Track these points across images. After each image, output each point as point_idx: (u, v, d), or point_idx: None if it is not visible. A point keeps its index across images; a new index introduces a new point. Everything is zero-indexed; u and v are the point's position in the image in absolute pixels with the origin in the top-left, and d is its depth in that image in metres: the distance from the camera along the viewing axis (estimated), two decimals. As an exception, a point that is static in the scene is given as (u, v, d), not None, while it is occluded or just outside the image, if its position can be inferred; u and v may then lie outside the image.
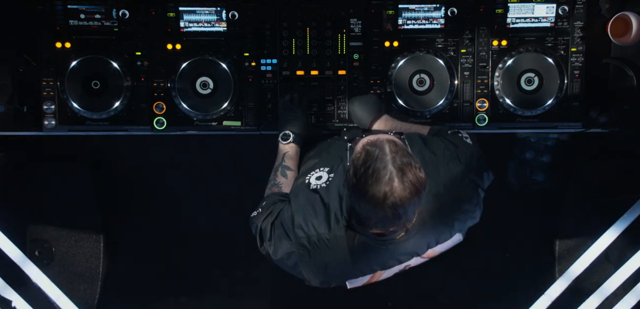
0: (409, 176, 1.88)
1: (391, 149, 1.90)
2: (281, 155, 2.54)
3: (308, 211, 2.15)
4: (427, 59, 2.71)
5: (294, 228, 2.15)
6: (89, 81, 2.71)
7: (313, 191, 2.19)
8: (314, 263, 2.15)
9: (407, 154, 1.93)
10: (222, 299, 3.47)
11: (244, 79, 2.77)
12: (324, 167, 2.30)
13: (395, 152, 1.90)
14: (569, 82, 2.73)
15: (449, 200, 2.16)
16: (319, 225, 2.13)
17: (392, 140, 1.96)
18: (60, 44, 2.73)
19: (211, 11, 2.73)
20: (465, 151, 2.24)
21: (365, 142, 1.97)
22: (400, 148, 1.93)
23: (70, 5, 2.71)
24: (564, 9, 2.70)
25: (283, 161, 2.51)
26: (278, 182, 2.46)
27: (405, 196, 1.88)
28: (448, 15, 2.73)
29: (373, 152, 1.91)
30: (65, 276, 3.30)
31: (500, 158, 3.45)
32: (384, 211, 1.90)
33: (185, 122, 2.79)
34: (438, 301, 3.45)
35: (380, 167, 1.88)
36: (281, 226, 2.20)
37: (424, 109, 2.73)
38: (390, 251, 2.13)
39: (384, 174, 1.87)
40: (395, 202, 1.88)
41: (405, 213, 1.94)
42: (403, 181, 1.88)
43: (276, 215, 2.25)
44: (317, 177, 2.26)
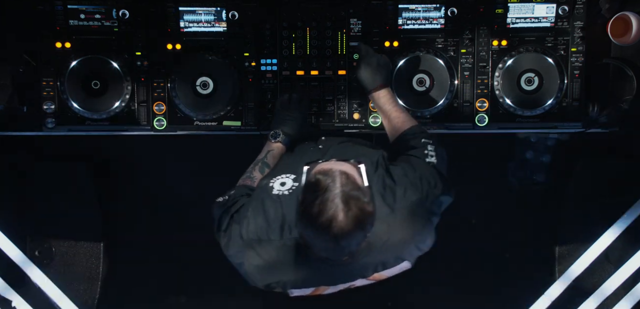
0: (353, 209, 1.92)
1: (341, 182, 1.95)
2: (265, 151, 2.55)
3: (264, 215, 2.18)
4: (427, 59, 2.71)
5: (248, 228, 2.18)
6: (89, 81, 2.71)
7: (274, 196, 2.23)
8: (259, 266, 2.19)
9: (357, 187, 1.97)
10: (222, 299, 3.47)
11: (244, 79, 2.77)
12: (291, 174, 2.33)
13: (345, 185, 1.94)
14: (569, 82, 2.73)
15: (400, 228, 2.18)
16: (271, 231, 2.16)
17: (344, 172, 1.99)
18: (60, 44, 2.73)
19: (211, 11, 2.73)
20: (425, 178, 2.23)
21: (318, 170, 2.01)
22: (351, 181, 1.97)
23: (70, 5, 2.71)
24: (564, 9, 2.70)
25: (265, 157, 2.53)
26: (253, 176, 2.48)
27: (348, 229, 1.92)
28: (448, 15, 2.73)
29: (323, 182, 1.95)
30: (65, 276, 3.30)
31: (500, 158, 3.45)
32: (327, 241, 1.95)
33: (185, 122, 2.79)
34: (438, 301, 3.45)
35: (327, 199, 1.92)
36: (237, 223, 2.23)
37: (424, 109, 2.73)
38: (336, 271, 2.18)
39: (329, 206, 1.92)
40: (337, 234, 1.92)
41: (349, 245, 1.98)
42: (347, 215, 1.92)
43: (237, 209, 2.28)
44: (281, 183, 2.28)
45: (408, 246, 2.24)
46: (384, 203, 2.14)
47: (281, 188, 2.26)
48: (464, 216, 3.48)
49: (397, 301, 3.44)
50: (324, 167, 2.03)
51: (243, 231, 2.19)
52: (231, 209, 2.29)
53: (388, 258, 2.22)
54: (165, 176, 3.47)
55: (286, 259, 2.16)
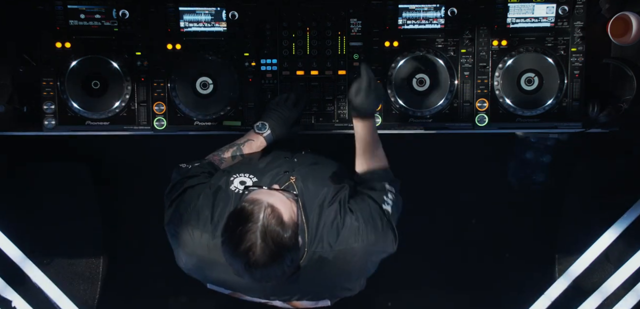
0: (270, 245, 1.95)
1: (265, 214, 1.97)
2: (245, 138, 2.56)
3: (212, 206, 2.21)
4: (427, 59, 2.71)
5: (191, 210, 2.22)
6: (89, 81, 2.71)
7: (229, 191, 2.26)
8: (186, 250, 2.23)
9: (280, 222, 1.98)
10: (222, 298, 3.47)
11: (244, 79, 2.77)
12: (254, 177, 2.33)
13: (268, 218, 1.96)
14: (569, 82, 2.73)
15: (333, 268, 2.20)
16: (210, 223, 2.19)
17: (271, 205, 2.00)
18: (60, 44, 2.73)
19: (211, 11, 2.73)
20: (373, 228, 2.24)
21: (247, 198, 2.04)
22: (276, 215, 1.98)
23: (70, 5, 2.71)
24: (564, 9, 2.70)
25: (242, 144, 2.54)
26: (223, 157, 2.51)
27: (263, 262, 1.95)
28: (448, 15, 2.73)
29: (248, 213, 1.98)
30: (65, 276, 3.31)
31: (500, 158, 3.45)
32: (243, 269, 1.98)
33: (185, 122, 2.79)
34: (438, 301, 3.45)
35: (247, 230, 1.95)
36: (186, 199, 2.27)
37: (424, 109, 2.73)
38: (255, 286, 2.20)
39: (248, 237, 1.95)
40: (252, 265, 1.95)
41: (264, 277, 2.01)
42: (263, 249, 1.94)
43: (193, 185, 2.31)
44: (241, 181, 2.30)
45: (336, 287, 2.28)
46: (326, 240, 2.17)
47: (239, 186, 2.28)
48: (463, 216, 3.48)
49: (397, 301, 3.44)
50: (255, 196, 2.04)
51: (188, 209, 2.22)
52: (188, 181, 2.32)
53: (314, 291, 2.27)
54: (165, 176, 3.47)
55: (212, 257, 2.19)
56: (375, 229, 2.23)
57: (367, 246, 2.22)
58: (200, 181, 2.34)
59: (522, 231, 3.49)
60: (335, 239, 2.19)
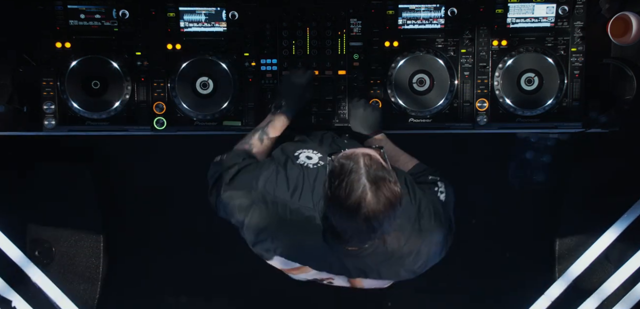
0: (382, 189, 1.91)
1: (366, 163, 1.93)
2: (267, 121, 2.55)
3: (286, 175, 2.17)
4: (427, 59, 2.71)
5: (265, 182, 2.16)
6: (89, 81, 2.71)
7: (298, 164, 2.22)
8: (261, 222, 2.16)
9: (382, 167, 1.95)
10: (222, 298, 3.48)
11: (244, 79, 2.77)
12: (317, 152, 2.31)
13: (370, 166, 1.93)
14: (569, 82, 2.73)
15: (404, 251, 2.18)
16: (287, 191, 2.14)
17: (367, 154, 1.98)
18: (60, 44, 2.73)
19: (211, 11, 2.73)
20: (438, 218, 2.23)
21: (341, 155, 2.00)
22: (375, 162, 1.95)
23: (70, 5, 2.71)
24: (564, 9, 2.70)
25: (266, 127, 2.52)
26: (251, 143, 2.47)
27: (378, 208, 1.91)
28: (448, 15, 2.73)
29: (348, 166, 1.93)
30: (65, 276, 3.31)
31: (500, 158, 3.45)
32: (358, 223, 1.92)
33: (185, 122, 2.79)
34: (437, 301, 3.45)
35: (354, 180, 1.90)
36: (248, 174, 2.21)
37: (424, 109, 2.73)
38: (328, 257, 2.16)
39: (357, 187, 1.90)
40: (368, 214, 1.90)
41: (381, 226, 1.96)
42: (377, 195, 1.90)
43: (244, 166, 2.26)
44: (308, 157, 2.28)
45: (401, 269, 2.23)
46: (403, 215, 2.11)
47: (307, 160, 2.25)
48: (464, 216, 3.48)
49: (397, 301, 3.44)
50: (346, 152, 2.00)
51: (259, 183, 2.17)
52: (238, 165, 2.27)
53: (379, 270, 2.20)
54: (165, 176, 3.47)
55: (290, 225, 2.14)
56: (439, 217, 2.22)
57: (433, 232, 2.20)
58: (246, 162, 2.29)
59: (522, 231, 3.48)
60: (407, 218, 2.16)
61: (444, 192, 2.32)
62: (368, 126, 2.62)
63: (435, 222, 2.21)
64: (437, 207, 2.26)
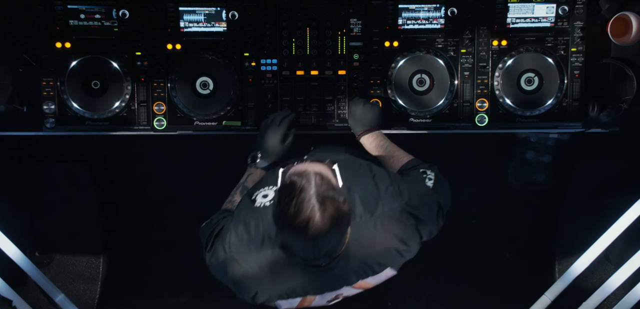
0: (329, 209, 1.93)
1: (316, 182, 1.95)
2: (246, 175, 2.60)
3: (245, 226, 2.20)
4: (427, 59, 2.71)
5: (230, 241, 2.20)
6: (89, 81, 2.71)
7: (255, 208, 2.24)
8: (243, 277, 2.19)
9: (332, 187, 1.97)
10: (222, 298, 3.47)
11: (244, 79, 2.77)
12: (273, 186, 2.33)
13: (320, 185, 1.95)
14: (569, 82, 2.73)
15: (380, 234, 2.18)
16: (252, 242, 2.17)
17: (319, 172, 1.99)
18: (60, 44, 2.73)
19: (211, 11, 2.73)
20: (415, 189, 2.24)
21: (292, 172, 2.02)
22: (326, 181, 1.98)
23: (70, 5, 2.71)
24: (564, 9, 2.70)
25: (245, 181, 2.57)
26: (234, 200, 2.53)
27: (325, 228, 1.93)
28: (448, 15, 2.73)
29: (298, 184, 1.95)
30: (65, 276, 3.31)
31: (500, 158, 3.45)
32: (304, 242, 1.95)
33: (185, 122, 2.79)
34: (437, 301, 3.45)
35: (303, 199, 1.93)
36: (220, 238, 2.25)
37: (424, 109, 2.73)
38: (320, 279, 2.18)
39: (305, 206, 1.92)
40: (314, 234, 1.92)
41: (326, 244, 1.98)
42: (323, 214, 1.92)
43: (220, 229, 2.31)
44: (264, 195, 2.30)
45: (389, 253, 2.23)
46: (365, 208, 2.16)
47: (263, 200, 2.28)
48: (464, 216, 3.48)
49: (397, 302, 3.44)
50: (298, 169, 2.03)
51: (226, 245, 2.21)
52: (215, 230, 2.32)
53: (370, 264, 2.22)
54: (165, 176, 3.47)
55: (268, 269, 2.17)
56: (415, 192, 2.22)
57: (409, 204, 2.19)
58: (222, 223, 2.35)
59: (522, 231, 3.49)
60: (374, 207, 2.17)
61: (432, 179, 2.31)
62: (365, 123, 2.62)
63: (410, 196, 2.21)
64: (417, 184, 2.26)
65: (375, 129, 2.61)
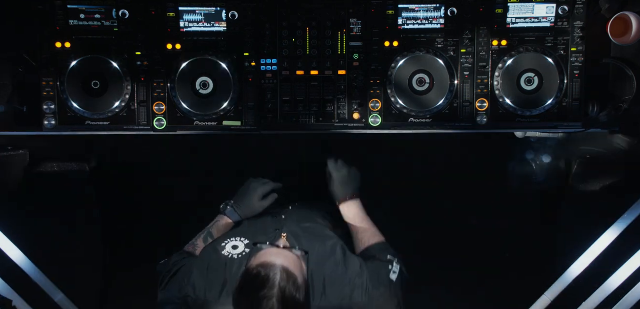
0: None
1: (281, 279, 1.97)
2: (214, 222, 2.64)
3: (207, 273, 2.22)
4: (427, 59, 2.71)
5: (188, 284, 2.22)
6: (89, 81, 2.71)
7: (222, 257, 2.27)
8: None
9: (296, 286, 1.99)
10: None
11: (244, 79, 2.77)
12: (245, 239, 2.35)
13: (284, 282, 1.97)
14: (569, 82, 2.73)
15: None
16: (209, 291, 2.19)
17: (285, 269, 2.00)
18: (60, 44, 2.73)
19: (211, 11, 2.73)
20: (377, 287, 2.25)
21: (260, 262, 2.02)
22: (292, 279, 1.99)
23: (70, 5, 2.71)
24: (564, 9, 2.70)
25: (211, 228, 2.62)
26: (196, 244, 2.58)
27: None
28: (448, 15, 2.73)
29: (263, 278, 1.97)
30: (65, 276, 3.31)
31: (500, 158, 3.45)
32: None
33: (185, 122, 2.79)
34: (437, 300, 3.45)
35: (264, 296, 1.95)
36: (177, 279, 2.28)
37: (424, 109, 2.73)
38: None
39: (265, 304, 1.95)
40: None
41: None
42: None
43: (179, 268, 2.34)
44: (233, 246, 2.33)
45: None
46: (331, 295, 2.18)
47: (232, 251, 2.30)
48: (464, 216, 3.48)
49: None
50: (267, 259, 2.03)
51: (182, 286, 2.23)
52: (173, 269, 2.35)
53: None
54: (165, 176, 3.47)
55: None
56: (378, 288, 2.24)
57: (372, 303, 2.22)
58: (183, 264, 2.37)
59: (522, 231, 3.49)
60: (339, 293, 2.20)
61: (396, 273, 2.33)
62: (349, 190, 2.66)
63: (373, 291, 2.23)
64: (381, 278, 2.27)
65: (356, 197, 2.65)
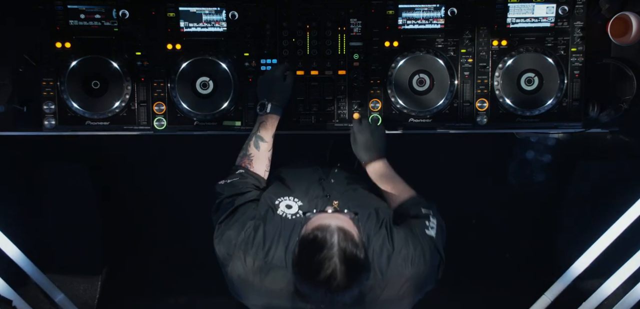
0: (351, 267, 1.94)
1: (339, 240, 1.96)
2: (257, 124, 2.56)
3: (263, 231, 2.20)
4: (427, 59, 2.71)
5: (243, 236, 2.19)
6: (89, 81, 2.71)
7: (277, 217, 2.25)
8: (239, 276, 2.20)
9: (354, 244, 1.98)
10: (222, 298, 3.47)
11: (244, 79, 2.77)
12: (299, 200, 2.34)
13: (342, 242, 1.95)
14: (569, 82, 2.73)
15: (385, 295, 2.18)
16: (261, 250, 2.17)
17: (341, 228, 1.99)
18: (60, 44, 2.73)
19: (211, 11, 2.73)
20: (423, 251, 2.23)
21: (315, 226, 2.01)
22: (349, 237, 1.98)
23: (70, 5, 2.71)
24: (564, 9, 2.70)
25: (258, 130, 2.54)
26: (249, 154, 2.50)
27: (345, 285, 1.95)
28: (448, 15, 2.73)
29: (320, 240, 1.96)
30: (65, 276, 3.31)
31: (500, 158, 3.45)
32: (324, 297, 1.97)
33: (185, 122, 2.79)
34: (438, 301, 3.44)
35: (325, 257, 1.94)
36: (235, 223, 2.24)
37: (424, 109, 2.73)
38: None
39: (328, 265, 1.93)
40: (335, 291, 1.94)
41: (344, 299, 2.00)
42: (345, 273, 1.94)
43: (243, 202, 2.29)
44: (287, 205, 2.31)
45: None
46: (377, 267, 2.15)
47: (286, 210, 2.28)
48: (463, 216, 3.48)
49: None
50: (321, 222, 2.02)
51: (240, 236, 2.20)
52: (237, 200, 2.30)
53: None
54: (166, 176, 3.47)
55: (266, 278, 2.17)
56: (423, 255, 2.22)
57: (417, 273, 2.20)
58: (247, 198, 2.33)
59: (522, 231, 3.49)
60: (386, 266, 2.17)
61: (433, 228, 2.31)
62: (372, 152, 2.56)
63: (419, 261, 2.21)
64: (422, 244, 2.25)
65: (382, 157, 2.56)
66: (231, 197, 2.33)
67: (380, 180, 2.54)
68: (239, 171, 2.47)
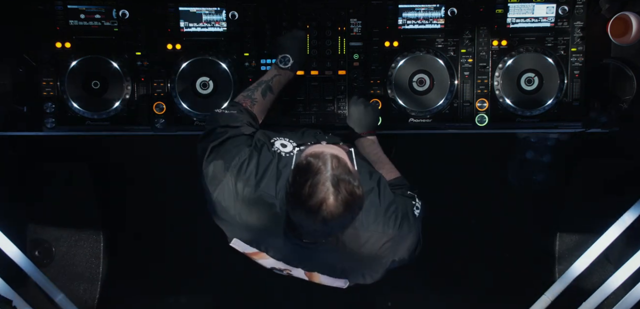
0: (343, 192, 1.92)
1: (332, 165, 1.95)
2: (271, 75, 2.56)
3: (257, 160, 2.19)
4: (427, 59, 2.71)
5: (237, 161, 2.17)
6: (89, 81, 2.71)
7: (272, 150, 2.24)
8: (225, 198, 2.17)
9: (348, 171, 1.97)
10: (223, 298, 3.48)
11: (244, 79, 2.77)
12: (293, 142, 2.33)
13: (336, 168, 1.94)
14: (569, 82, 2.73)
15: (367, 249, 2.18)
16: (253, 178, 2.15)
17: (335, 155, 1.98)
18: (60, 44, 2.73)
19: (211, 11, 2.73)
20: (407, 220, 2.23)
21: (309, 152, 2.00)
22: (342, 164, 1.97)
23: (70, 5, 2.71)
24: (564, 9, 2.70)
25: (270, 81, 2.53)
26: (254, 98, 2.49)
27: (337, 211, 1.93)
28: (448, 15, 2.73)
29: (314, 165, 1.95)
30: (65, 276, 3.31)
31: (500, 158, 3.45)
32: (316, 223, 1.95)
33: (185, 122, 2.79)
34: (438, 301, 3.45)
35: (317, 181, 1.92)
36: (230, 147, 2.22)
37: (424, 109, 2.73)
38: (291, 249, 2.18)
39: (320, 189, 1.92)
40: (327, 217, 1.92)
41: (336, 226, 1.99)
42: (337, 198, 1.92)
43: (231, 136, 2.26)
44: (283, 144, 2.29)
45: (358, 269, 2.24)
46: (363, 217, 2.14)
47: (281, 148, 2.26)
48: (463, 216, 3.48)
49: (397, 302, 3.44)
50: (315, 150, 2.01)
51: (233, 161, 2.18)
52: (230, 131, 2.28)
53: (334, 270, 2.23)
54: (165, 176, 3.47)
55: (250, 212, 2.16)
56: (408, 221, 2.22)
57: (400, 236, 2.20)
58: (241, 131, 2.30)
59: (522, 230, 3.48)
60: (373, 220, 2.17)
61: (418, 209, 2.31)
62: (364, 125, 2.61)
63: (403, 225, 2.21)
64: (408, 213, 2.25)
65: (372, 133, 2.61)
66: (225, 127, 2.30)
67: (368, 156, 2.55)
68: (237, 107, 2.44)
